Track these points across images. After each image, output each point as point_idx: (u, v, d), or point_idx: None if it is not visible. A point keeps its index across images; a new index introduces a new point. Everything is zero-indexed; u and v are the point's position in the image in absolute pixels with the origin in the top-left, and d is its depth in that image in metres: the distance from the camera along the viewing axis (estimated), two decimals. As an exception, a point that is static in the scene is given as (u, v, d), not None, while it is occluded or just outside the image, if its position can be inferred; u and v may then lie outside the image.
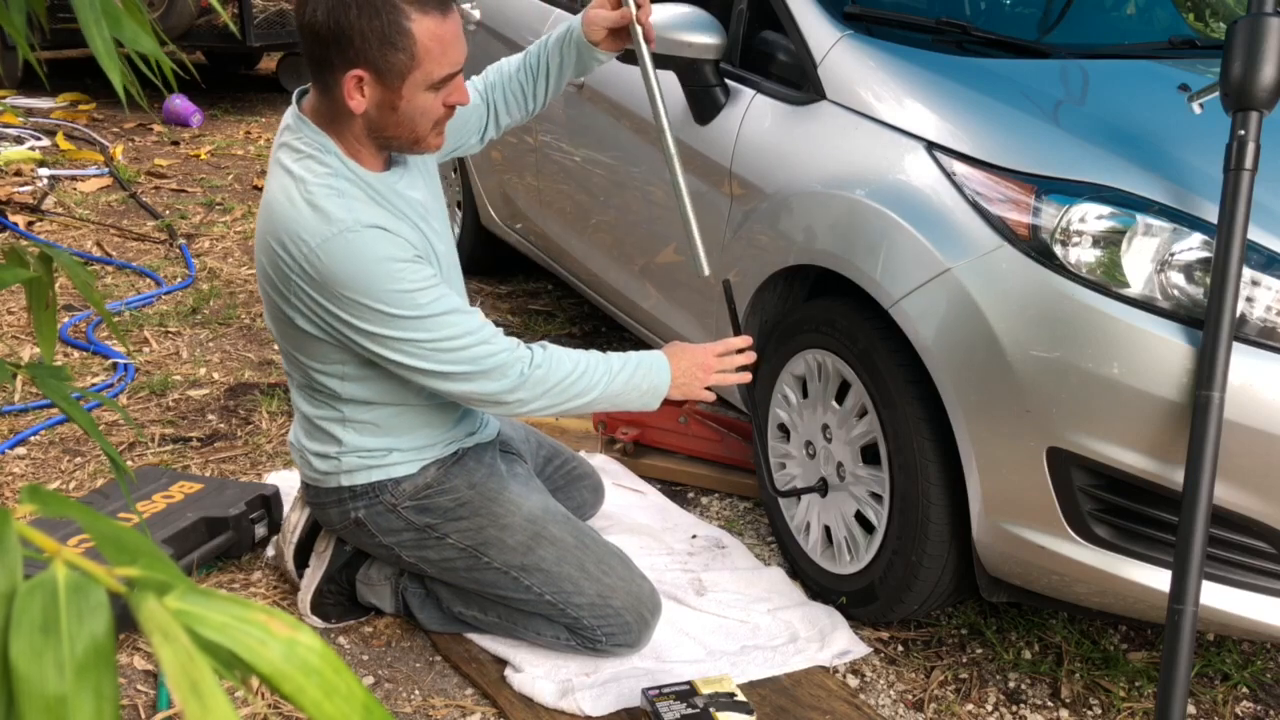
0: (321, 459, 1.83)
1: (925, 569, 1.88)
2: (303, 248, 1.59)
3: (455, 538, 1.83)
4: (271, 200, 1.65)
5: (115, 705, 0.43)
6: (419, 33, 1.56)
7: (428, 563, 1.88)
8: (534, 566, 1.83)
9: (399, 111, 1.62)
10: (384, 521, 1.84)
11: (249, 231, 4.54)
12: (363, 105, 1.60)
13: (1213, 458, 1.51)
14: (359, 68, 1.57)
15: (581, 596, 1.83)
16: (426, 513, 1.83)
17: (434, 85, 1.62)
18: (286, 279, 1.63)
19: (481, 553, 1.84)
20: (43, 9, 0.76)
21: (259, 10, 7.02)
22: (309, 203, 1.60)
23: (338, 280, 1.59)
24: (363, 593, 2.00)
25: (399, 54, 1.56)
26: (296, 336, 1.71)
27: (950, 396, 1.75)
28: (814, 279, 2.24)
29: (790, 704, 1.82)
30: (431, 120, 1.66)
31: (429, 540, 1.84)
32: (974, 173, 1.76)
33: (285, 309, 1.68)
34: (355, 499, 1.83)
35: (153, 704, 1.80)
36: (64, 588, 0.44)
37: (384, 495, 1.82)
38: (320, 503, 1.88)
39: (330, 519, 1.89)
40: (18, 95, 7.23)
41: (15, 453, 2.62)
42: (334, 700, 0.44)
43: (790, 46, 2.20)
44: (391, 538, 1.85)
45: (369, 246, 1.59)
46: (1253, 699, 1.97)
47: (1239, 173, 1.56)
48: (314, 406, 1.81)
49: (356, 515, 1.84)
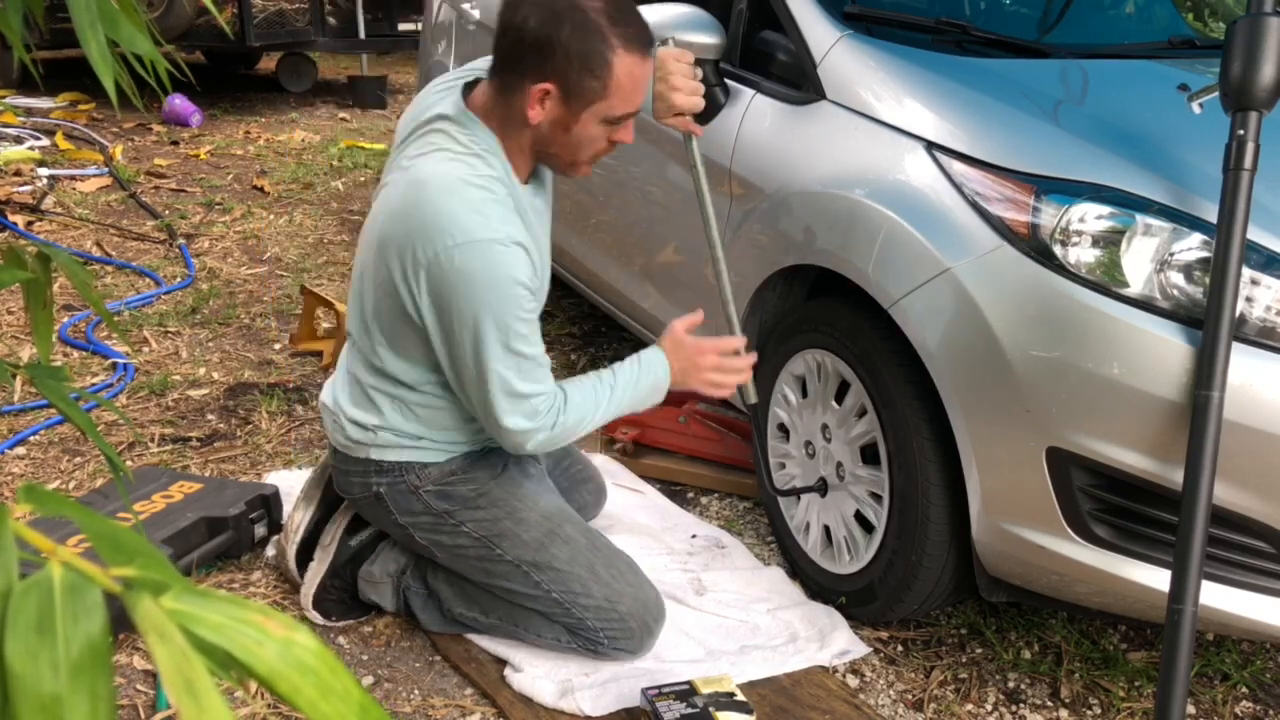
0: (358, 428, 1.82)
1: (925, 569, 1.88)
2: (446, 240, 1.58)
3: (471, 526, 1.84)
4: (427, 180, 1.62)
5: (111, 705, 0.43)
6: (619, 68, 1.58)
7: (440, 547, 1.88)
8: (546, 563, 1.84)
9: (570, 134, 1.64)
10: (403, 501, 1.84)
11: (249, 231, 4.54)
12: (539, 117, 1.62)
13: (1212, 458, 1.51)
14: (550, 81, 1.58)
15: (589, 598, 1.83)
16: (446, 499, 1.84)
17: (610, 120, 1.64)
18: (415, 259, 1.62)
19: (495, 544, 1.84)
20: (40, 9, 0.76)
21: (258, 10, 7.02)
22: (465, 200, 1.60)
23: (463, 282, 1.59)
24: (364, 590, 2.00)
25: (594, 81, 1.58)
26: (393, 311, 1.70)
27: (950, 396, 1.75)
28: (814, 279, 2.24)
29: (790, 704, 1.82)
30: (593, 151, 1.68)
31: (444, 526, 1.85)
32: (973, 172, 1.76)
33: (398, 284, 1.66)
34: (381, 474, 1.83)
35: (152, 704, 1.80)
36: (59, 588, 0.44)
37: (409, 476, 1.83)
38: (345, 469, 1.88)
39: (351, 487, 1.89)
40: (17, 95, 7.23)
41: (15, 452, 2.62)
42: (330, 700, 0.44)
43: (790, 46, 2.20)
44: (408, 518, 1.86)
45: (506, 264, 1.59)
46: (1252, 699, 1.97)
47: (1238, 172, 1.56)
48: (370, 375, 1.80)
49: (378, 489, 1.84)
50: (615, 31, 1.57)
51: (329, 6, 7.49)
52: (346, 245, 4.45)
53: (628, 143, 1.72)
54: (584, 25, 1.55)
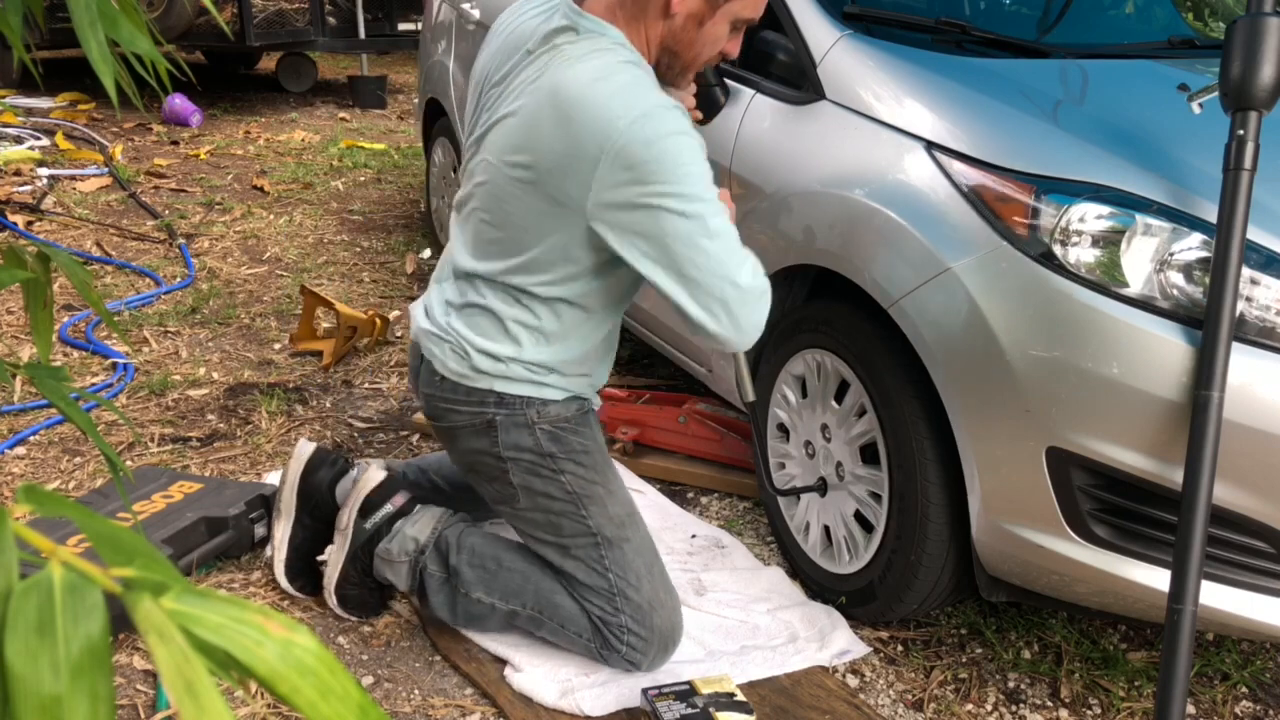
0: (488, 358, 1.79)
1: (924, 568, 1.88)
2: (618, 124, 1.57)
3: (568, 478, 1.84)
4: (571, 81, 1.62)
5: (111, 706, 0.43)
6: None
7: (527, 491, 1.85)
8: (618, 542, 1.85)
9: (702, 30, 1.70)
10: (515, 434, 1.82)
11: (249, 231, 4.55)
12: (681, 7, 1.68)
13: (1212, 457, 1.51)
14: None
15: (638, 594, 1.83)
16: (556, 441, 1.83)
17: (735, 22, 1.72)
18: (579, 156, 1.60)
19: (584, 505, 1.84)
20: (40, 9, 0.76)
21: (258, 10, 7.02)
22: (620, 83, 1.61)
23: (647, 157, 1.57)
24: (379, 568, 1.97)
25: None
26: (551, 220, 1.68)
27: (949, 396, 1.75)
28: (813, 279, 2.24)
29: (790, 704, 1.82)
30: (712, 51, 1.74)
31: (544, 469, 1.83)
32: (973, 172, 1.76)
33: (558, 189, 1.64)
34: (500, 405, 1.81)
35: (152, 704, 1.80)
36: (60, 588, 0.44)
37: (529, 411, 1.81)
38: (453, 398, 1.84)
39: (453, 415, 1.85)
40: (17, 95, 7.23)
41: (15, 452, 2.62)
42: (330, 701, 0.44)
43: (789, 46, 2.20)
44: (511, 452, 1.83)
45: (677, 123, 1.60)
46: (1252, 699, 1.97)
47: (1238, 172, 1.56)
48: (509, 305, 1.78)
49: (494, 418, 1.81)
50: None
51: (329, 6, 7.49)
52: (346, 245, 4.45)
53: (733, 57, 1.78)
54: None
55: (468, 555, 1.92)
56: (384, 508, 2.00)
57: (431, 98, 4.12)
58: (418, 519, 1.99)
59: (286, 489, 2.05)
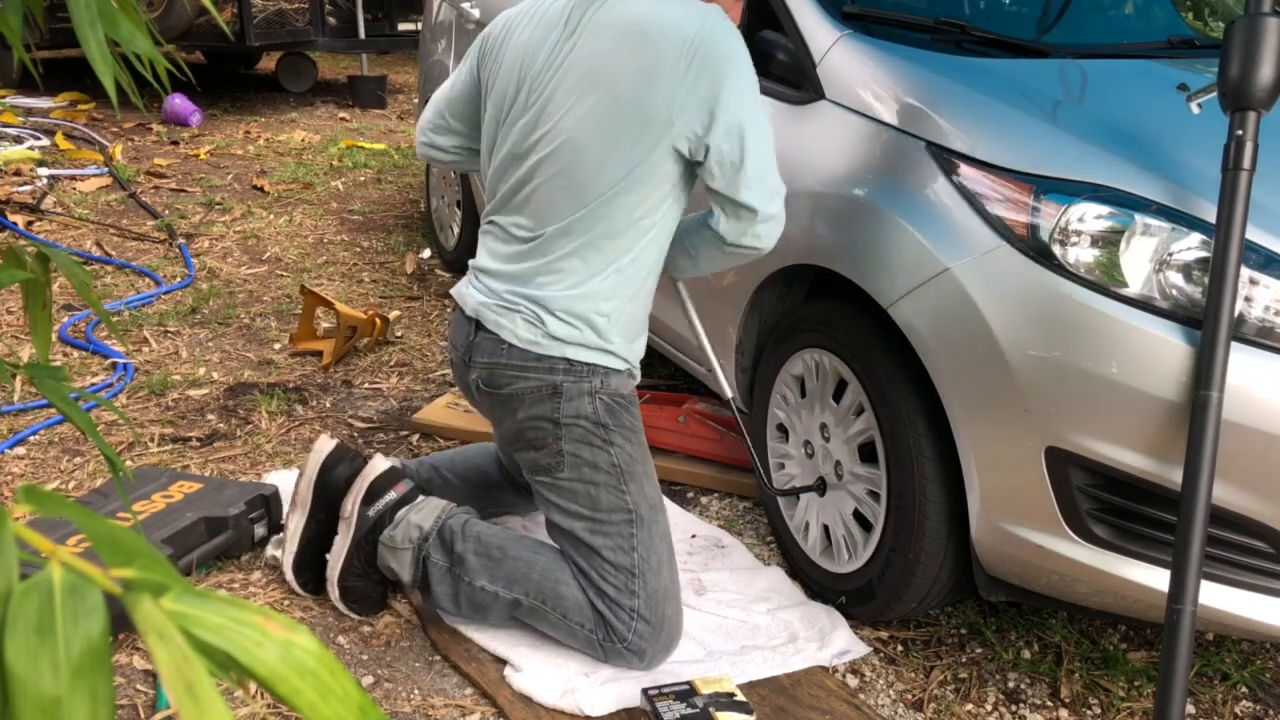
0: (564, 324, 1.84)
1: (923, 567, 1.88)
2: (689, 33, 1.73)
3: (616, 451, 1.88)
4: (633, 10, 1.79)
5: (111, 707, 0.43)
6: None
7: (575, 458, 1.88)
8: (650, 524, 1.89)
9: None
10: (578, 401, 1.87)
11: (248, 231, 4.55)
12: None
13: (1211, 457, 1.51)
14: None
15: (656, 579, 1.87)
16: (611, 414, 1.88)
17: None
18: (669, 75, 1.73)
19: (626, 480, 1.88)
20: (40, 9, 0.76)
21: (258, 10, 7.02)
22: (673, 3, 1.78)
23: (726, 52, 1.74)
24: (383, 556, 1.98)
25: None
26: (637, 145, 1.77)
27: (948, 396, 1.75)
28: (813, 278, 2.24)
29: (790, 704, 1.82)
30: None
31: (595, 439, 1.87)
32: (973, 172, 1.76)
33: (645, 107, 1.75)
34: (569, 372, 1.86)
35: (152, 704, 1.80)
36: (60, 589, 0.44)
37: (594, 379, 1.86)
38: (520, 364, 1.87)
39: (519, 382, 1.88)
40: (17, 95, 7.23)
41: (15, 452, 2.63)
42: (330, 702, 0.44)
43: (789, 46, 2.20)
44: (570, 419, 1.87)
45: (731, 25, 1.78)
46: (1252, 699, 1.97)
47: (1237, 172, 1.56)
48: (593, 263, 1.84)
49: (560, 384, 1.86)
50: None
51: (329, 6, 7.49)
52: (346, 245, 4.45)
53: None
54: None
55: (473, 543, 1.93)
56: (388, 494, 2.01)
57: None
58: (421, 507, 2.00)
59: (304, 483, 2.05)
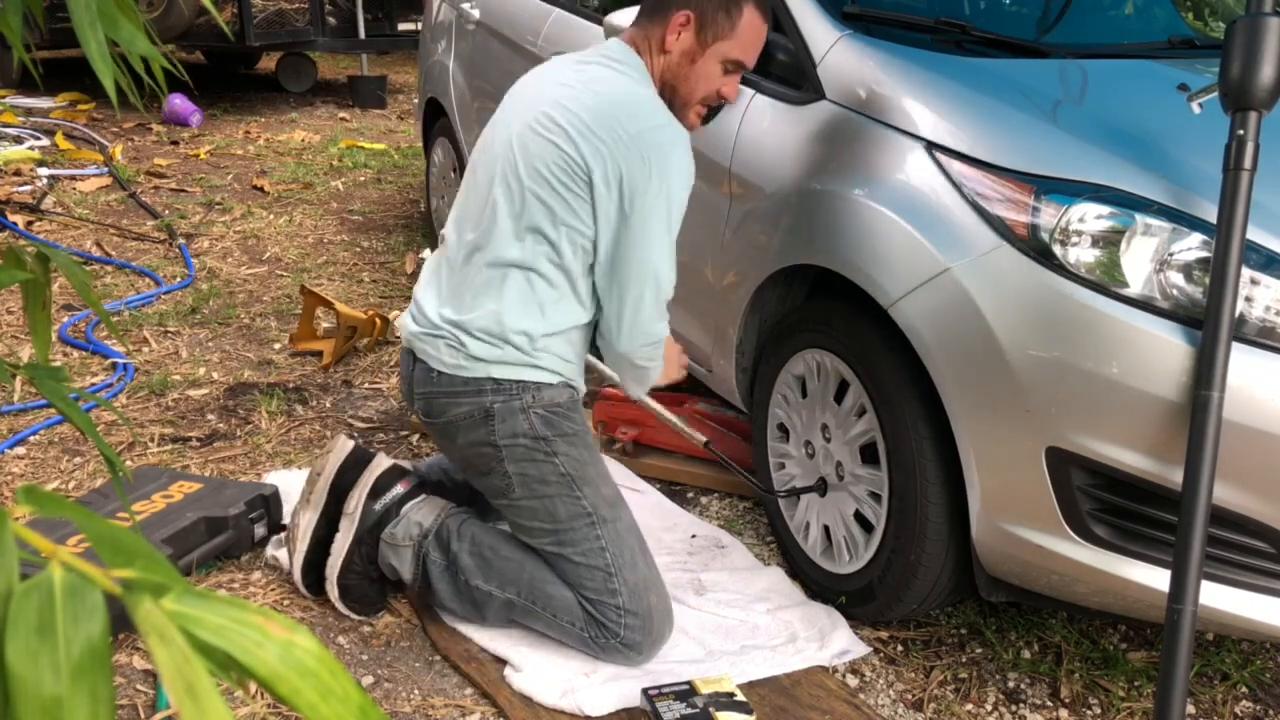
0: (482, 343, 1.86)
1: (924, 568, 1.88)
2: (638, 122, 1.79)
3: (562, 460, 1.89)
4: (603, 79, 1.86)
5: (111, 707, 0.43)
6: (748, 14, 1.89)
7: (523, 478, 1.89)
8: (613, 522, 1.90)
9: (694, 66, 1.90)
10: (512, 420, 1.88)
11: (248, 231, 4.55)
12: (675, 45, 1.89)
13: (1212, 457, 1.51)
14: (692, 10, 1.87)
15: (633, 573, 1.87)
16: (550, 426, 1.89)
17: (726, 62, 1.90)
18: (599, 146, 1.79)
19: (578, 486, 1.89)
20: (40, 9, 0.76)
21: (258, 10, 7.02)
22: (646, 96, 1.85)
23: (657, 154, 1.78)
24: (385, 554, 1.99)
25: (726, 19, 1.88)
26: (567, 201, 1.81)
27: (949, 396, 1.75)
28: (813, 279, 2.24)
29: (790, 704, 1.82)
30: (706, 91, 1.93)
31: (538, 454, 1.88)
32: (973, 172, 1.76)
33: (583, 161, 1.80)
34: (497, 392, 1.88)
35: (152, 704, 1.80)
36: (60, 589, 0.44)
37: (524, 395, 1.88)
38: (453, 391, 1.90)
39: (453, 409, 1.90)
40: (17, 95, 7.23)
41: (14, 452, 2.62)
42: (330, 702, 0.44)
43: (789, 46, 2.20)
44: (508, 440, 1.88)
45: (685, 151, 1.83)
46: (1252, 699, 1.97)
47: (1238, 173, 1.56)
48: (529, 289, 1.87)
49: (492, 405, 1.88)
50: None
51: (329, 6, 7.49)
52: (346, 245, 4.45)
53: (730, 100, 1.96)
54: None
55: (468, 544, 1.95)
56: (394, 489, 2.03)
57: (431, 98, 4.12)
58: (423, 505, 2.02)
59: (321, 481, 2.05)
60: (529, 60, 3.21)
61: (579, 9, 3.12)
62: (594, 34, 2.88)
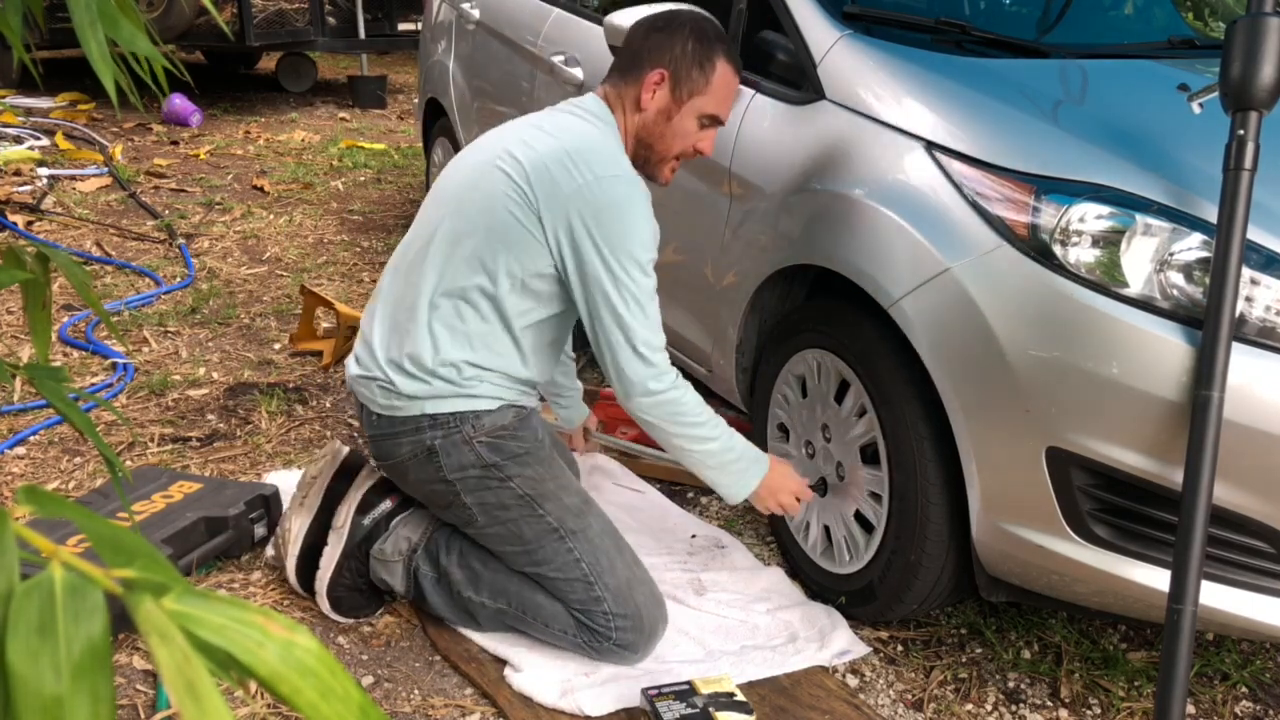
0: (412, 380, 1.85)
1: (924, 568, 1.88)
2: (594, 170, 1.79)
3: (517, 482, 1.87)
4: (570, 127, 1.87)
5: (111, 707, 0.43)
6: (720, 68, 1.90)
7: (482, 507, 1.89)
8: (582, 531, 1.89)
9: (670, 124, 1.91)
10: (456, 454, 1.86)
11: (248, 231, 4.54)
12: (650, 103, 1.90)
13: (1212, 457, 1.51)
14: (665, 69, 1.89)
15: (613, 576, 1.86)
16: (497, 451, 1.87)
17: (703, 118, 1.92)
18: (554, 189, 1.79)
19: (539, 503, 1.88)
20: (40, 9, 0.76)
21: (258, 10, 7.02)
22: (606, 147, 1.84)
23: (607, 211, 1.77)
24: (375, 569, 2.00)
25: (700, 74, 1.89)
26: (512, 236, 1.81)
27: (949, 396, 1.75)
28: (813, 279, 2.24)
29: (790, 704, 1.82)
30: (682, 147, 1.94)
31: (491, 480, 1.87)
32: (973, 172, 1.76)
33: (524, 210, 1.80)
34: (435, 428, 1.86)
35: (152, 704, 1.80)
36: (61, 589, 0.44)
37: (464, 426, 1.86)
38: (391, 432, 1.90)
39: (398, 449, 1.90)
40: (17, 95, 7.23)
41: (14, 452, 2.62)
42: (330, 702, 0.44)
43: (789, 46, 2.20)
44: (457, 473, 1.87)
45: (643, 203, 1.82)
46: (1252, 699, 1.97)
47: (1238, 172, 1.56)
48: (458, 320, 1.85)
49: (432, 443, 1.87)
50: (721, 46, 1.91)
51: (329, 6, 7.49)
52: (346, 245, 4.45)
53: (706, 154, 1.98)
54: (699, 33, 1.90)
55: (457, 556, 1.96)
56: (382, 503, 2.03)
57: (431, 98, 4.12)
58: (411, 518, 2.03)
59: (318, 485, 2.05)
60: (529, 60, 3.21)
61: (579, 9, 3.12)
62: (594, 34, 2.88)
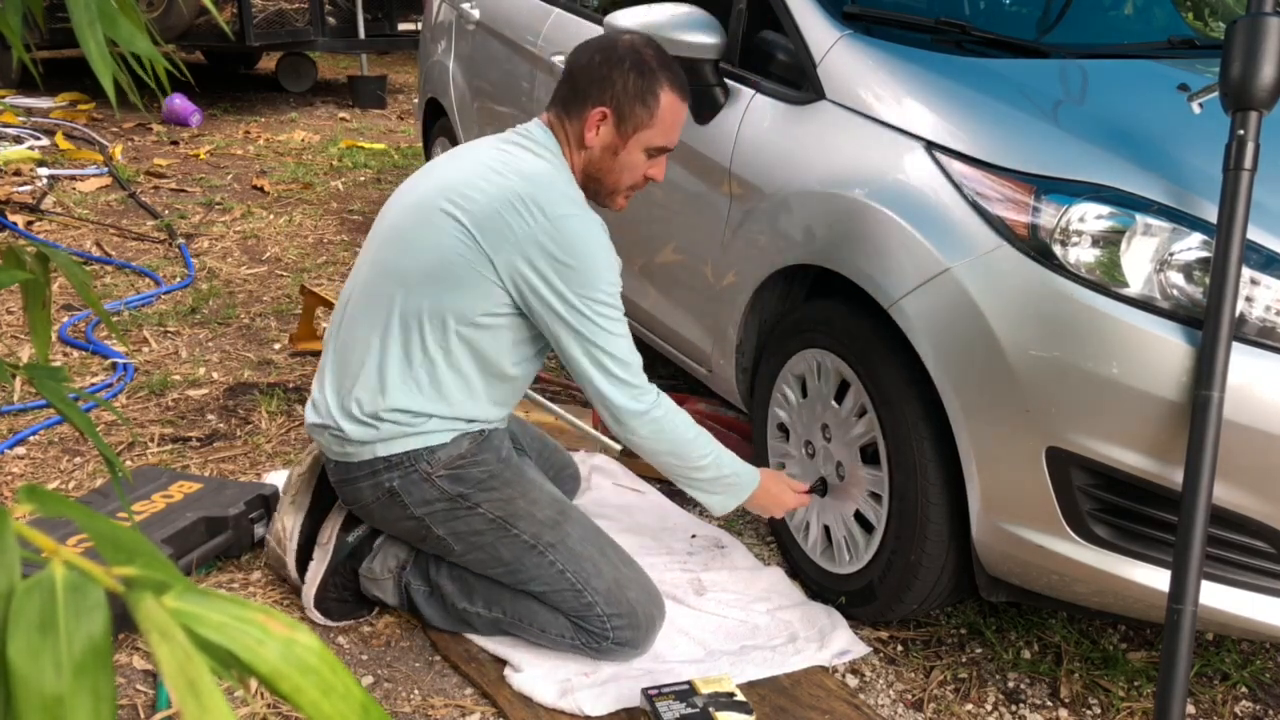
0: (359, 425, 1.83)
1: (924, 568, 1.88)
2: (544, 210, 1.75)
3: (486, 507, 1.86)
4: (518, 165, 1.82)
5: (112, 705, 0.43)
6: (664, 99, 1.86)
7: (455, 536, 1.88)
8: (560, 542, 1.87)
9: (617, 159, 1.88)
10: (418, 491, 1.85)
11: (248, 231, 4.54)
12: (595, 140, 1.86)
13: (1212, 457, 1.51)
14: (607, 106, 1.84)
15: (600, 580, 1.86)
16: (460, 482, 1.86)
17: (650, 150, 1.89)
18: (506, 232, 1.75)
19: (511, 524, 1.87)
20: (40, 9, 0.76)
21: (258, 10, 7.02)
22: (556, 184, 1.80)
23: (564, 252, 1.75)
24: (366, 586, 2.00)
25: (644, 109, 1.85)
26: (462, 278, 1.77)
27: (949, 396, 1.75)
28: (813, 279, 2.24)
29: (789, 704, 1.82)
30: (632, 179, 1.91)
31: (460, 510, 1.86)
32: (973, 172, 1.76)
33: (474, 255, 1.76)
34: (390, 469, 1.85)
35: (152, 704, 1.80)
36: (62, 587, 0.44)
37: (420, 464, 1.84)
38: (350, 478, 1.89)
39: (360, 494, 1.90)
40: (17, 95, 7.23)
41: (15, 452, 2.62)
42: (331, 700, 0.44)
43: (789, 46, 2.20)
44: (424, 509, 1.86)
45: (600, 236, 1.80)
46: (1252, 699, 1.97)
47: (1238, 172, 1.56)
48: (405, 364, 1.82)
49: (391, 485, 1.85)
50: (664, 74, 1.86)
51: (329, 6, 7.49)
52: (346, 245, 4.45)
53: (658, 180, 1.94)
54: (640, 65, 1.84)
55: (447, 569, 1.96)
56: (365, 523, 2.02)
57: (431, 98, 4.12)
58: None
59: (304, 483, 2.06)
60: (529, 60, 3.21)
61: (579, 9, 3.12)
62: (594, 34, 2.87)
